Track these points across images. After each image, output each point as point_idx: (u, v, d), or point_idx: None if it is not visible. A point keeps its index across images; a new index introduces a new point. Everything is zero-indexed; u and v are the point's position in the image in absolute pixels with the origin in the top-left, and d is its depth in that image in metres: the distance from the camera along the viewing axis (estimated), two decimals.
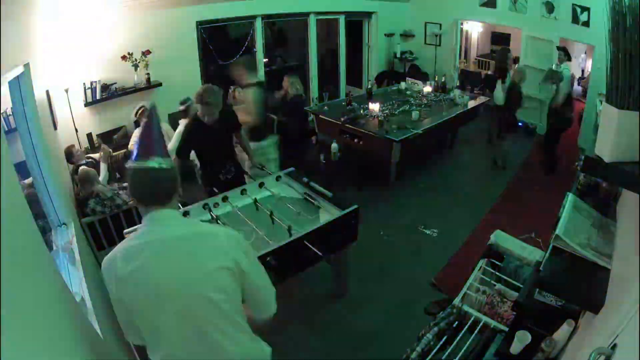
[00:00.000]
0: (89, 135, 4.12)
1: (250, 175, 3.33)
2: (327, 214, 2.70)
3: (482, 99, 5.50)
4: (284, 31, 7.52)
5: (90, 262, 2.88)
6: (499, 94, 4.78)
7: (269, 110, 4.17)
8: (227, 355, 1.25)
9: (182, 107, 3.91)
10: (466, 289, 2.26)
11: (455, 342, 1.95)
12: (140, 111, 4.02)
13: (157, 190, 1.24)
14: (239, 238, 1.34)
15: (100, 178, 3.53)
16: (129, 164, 1.26)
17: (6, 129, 2.59)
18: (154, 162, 1.22)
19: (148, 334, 1.25)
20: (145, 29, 4.37)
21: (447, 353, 1.91)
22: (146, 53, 4.32)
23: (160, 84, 4.55)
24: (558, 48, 4.91)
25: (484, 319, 2.07)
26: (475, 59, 8.48)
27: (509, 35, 8.07)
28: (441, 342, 1.98)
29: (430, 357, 1.91)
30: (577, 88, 6.97)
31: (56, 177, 2.76)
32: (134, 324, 1.25)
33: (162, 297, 1.18)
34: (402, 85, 5.95)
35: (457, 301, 2.20)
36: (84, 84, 4.00)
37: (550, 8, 5.62)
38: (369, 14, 6.99)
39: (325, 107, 5.13)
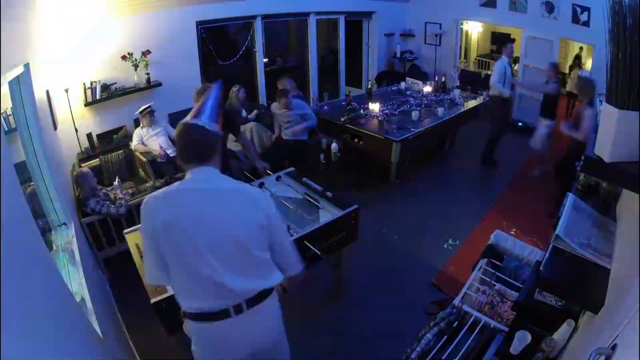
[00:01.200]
0: (89, 135, 4.12)
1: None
2: (327, 214, 2.70)
3: (482, 99, 5.50)
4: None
5: (90, 262, 2.88)
6: None
7: None
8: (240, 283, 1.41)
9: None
10: (466, 289, 2.27)
11: (455, 342, 1.95)
12: (146, 110, 4.03)
13: (200, 148, 1.40)
14: (269, 198, 1.55)
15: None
16: (180, 122, 1.42)
17: (6, 129, 2.59)
18: (202, 122, 1.39)
19: (174, 265, 1.37)
20: (145, 29, 4.38)
21: (447, 353, 1.90)
22: (146, 53, 4.32)
23: (160, 84, 4.55)
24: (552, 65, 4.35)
25: (484, 319, 2.07)
26: (475, 59, 8.49)
27: (509, 35, 8.06)
28: (441, 342, 1.98)
29: (430, 357, 1.91)
30: None
31: (56, 177, 2.76)
32: (160, 261, 1.37)
33: (198, 234, 1.33)
34: (402, 85, 5.95)
35: (457, 301, 2.21)
36: (84, 84, 4.00)
37: (550, 8, 5.63)
38: (369, 14, 7.00)
39: (325, 107, 5.13)
